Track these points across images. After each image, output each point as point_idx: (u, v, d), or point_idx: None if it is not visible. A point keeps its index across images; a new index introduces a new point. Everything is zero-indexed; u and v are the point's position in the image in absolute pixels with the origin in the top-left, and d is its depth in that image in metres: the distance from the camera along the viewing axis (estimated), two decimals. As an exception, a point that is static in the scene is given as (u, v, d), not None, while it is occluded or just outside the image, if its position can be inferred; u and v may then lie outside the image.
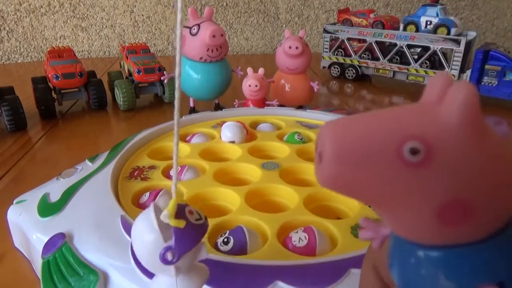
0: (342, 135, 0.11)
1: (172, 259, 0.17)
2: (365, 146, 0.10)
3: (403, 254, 0.12)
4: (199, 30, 0.54)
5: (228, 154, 0.41)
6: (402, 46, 0.80)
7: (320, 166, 0.11)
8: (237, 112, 0.50)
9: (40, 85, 0.65)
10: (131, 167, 0.37)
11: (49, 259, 0.25)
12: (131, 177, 0.35)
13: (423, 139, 0.10)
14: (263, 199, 0.33)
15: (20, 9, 1.10)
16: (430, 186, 0.10)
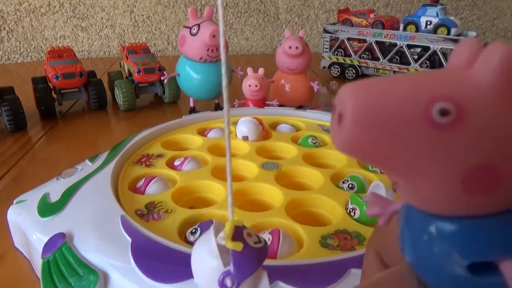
0: (365, 95, 0.10)
1: (231, 285, 0.16)
2: (390, 106, 0.10)
3: (417, 227, 0.12)
4: (199, 30, 0.54)
5: (236, 150, 0.41)
6: (402, 46, 0.80)
7: (339, 128, 0.10)
8: (237, 112, 0.50)
9: (40, 85, 0.65)
10: (141, 154, 0.39)
11: (49, 259, 0.25)
12: (138, 162, 0.37)
13: (454, 99, 0.09)
14: (250, 197, 0.33)
15: (20, 9, 1.10)
16: (459, 150, 0.09)
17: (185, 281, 0.22)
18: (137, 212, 0.30)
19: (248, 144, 0.41)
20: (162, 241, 0.25)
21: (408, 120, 0.10)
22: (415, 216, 0.12)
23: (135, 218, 0.29)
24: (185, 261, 0.23)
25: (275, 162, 0.37)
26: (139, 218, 0.29)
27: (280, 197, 0.32)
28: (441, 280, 0.11)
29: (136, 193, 0.33)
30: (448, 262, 0.11)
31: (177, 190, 0.33)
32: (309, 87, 0.60)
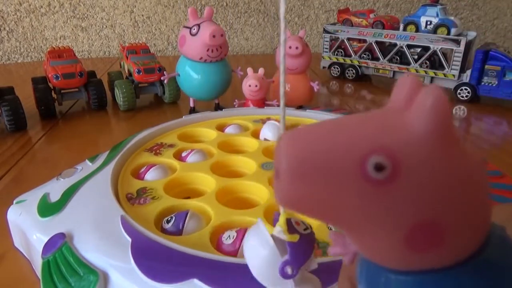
0: (299, 149, 0.09)
1: (291, 273, 0.17)
2: (325, 161, 0.09)
3: (371, 274, 0.12)
4: (199, 30, 0.54)
5: (244, 147, 0.42)
6: (402, 46, 0.80)
7: (277, 184, 0.10)
8: (237, 112, 0.50)
9: (40, 85, 0.65)
10: (155, 142, 0.41)
11: (49, 259, 0.25)
12: (150, 150, 0.39)
13: (389, 152, 0.09)
14: (238, 195, 0.33)
15: (20, 9, 1.10)
16: (397, 207, 0.09)
17: (185, 281, 0.22)
18: (127, 196, 0.31)
19: (258, 142, 0.42)
20: (162, 241, 0.25)
21: (344, 175, 0.09)
22: (368, 264, 0.12)
23: (123, 201, 0.30)
24: (185, 261, 0.23)
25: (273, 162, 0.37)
26: (126, 200, 0.31)
27: (267, 197, 0.31)
28: None
29: (136, 178, 0.34)
30: None
31: (171, 179, 0.34)
32: (309, 87, 0.60)
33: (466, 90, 0.74)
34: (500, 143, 0.59)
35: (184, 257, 0.23)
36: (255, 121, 0.47)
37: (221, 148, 0.40)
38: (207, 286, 0.21)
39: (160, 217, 0.29)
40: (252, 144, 0.42)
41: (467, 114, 0.70)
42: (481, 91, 0.72)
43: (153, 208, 0.30)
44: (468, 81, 0.74)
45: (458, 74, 0.75)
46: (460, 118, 0.68)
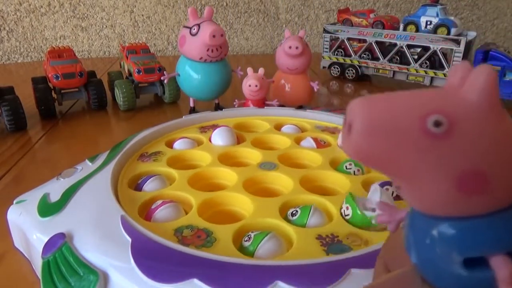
0: (372, 109, 0.12)
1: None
2: (393, 119, 0.11)
3: (419, 229, 0.13)
4: (199, 30, 0.54)
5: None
6: (402, 46, 0.80)
7: (349, 137, 0.12)
8: (237, 112, 0.50)
9: (40, 85, 0.65)
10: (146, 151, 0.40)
11: (49, 259, 0.25)
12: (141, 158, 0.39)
13: (446, 113, 0.11)
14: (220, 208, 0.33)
15: (20, 9, 1.10)
16: (451, 156, 0.11)
17: (185, 281, 0.22)
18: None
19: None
20: (162, 241, 0.25)
21: (408, 130, 0.11)
22: (418, 219, 0.13)
23: (123, 201, 0.31)
24: (185, 261, 0.23)
25: (272, 162, 0.37)
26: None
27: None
28: (442, 277, 0.13)
29: (135, 189, 0.34)
30: (447, 260, 0.12)
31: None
32: (309, 87, 0.60)
33: (466, 90, 0.74)
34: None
35: (184, 257, 0.23)
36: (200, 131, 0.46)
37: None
38: (207, 286, 0.21)
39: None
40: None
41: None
42: (481, 91, 0.72)
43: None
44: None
45: (458, 74, 0.75)
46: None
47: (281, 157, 0.39)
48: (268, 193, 0.34)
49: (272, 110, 0.51)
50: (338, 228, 0.27)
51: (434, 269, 0.13)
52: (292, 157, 0.40)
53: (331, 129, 0.46)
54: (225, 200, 0.32)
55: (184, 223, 0.28)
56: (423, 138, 0.11)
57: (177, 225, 0.28)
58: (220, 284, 0.21)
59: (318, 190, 0.33)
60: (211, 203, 0.32)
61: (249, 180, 0.34)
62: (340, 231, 0.27)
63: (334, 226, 0.28)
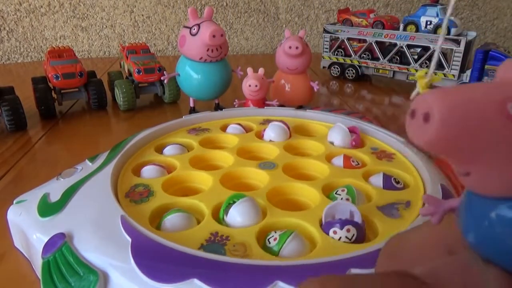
0: (451, 98, 0.12)
1: None
2: (473, 106, 0.12)
3: (481, 212, 0.14)
4: (199, 30, 0.54)
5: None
6: (402, 46, 0.80)
7: (426, 126, 0.12)
8: (237, 112, 0.50)
9: (40, 85, 0.65)
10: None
11: (49, 259, 0.25)
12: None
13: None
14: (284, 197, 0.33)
15: (20, 9, 1.10)
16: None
17: (185, 281, 0.22)
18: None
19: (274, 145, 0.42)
20: (162, 241, 0.25)
21: (488, 116, 0.12)
22: (479, 203, 0.14)
23: (123, 201, 0.31)
24: (185, 261, 0.23)
25: (271, 161, 0.37)
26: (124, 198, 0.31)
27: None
28: (505, 252, 0.14)
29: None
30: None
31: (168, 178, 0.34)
32: (309, 87, 0.60)
33: (466, 90, 0.74)
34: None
35: (184, 257, 0.23)
36: (262, 123, 0.46)
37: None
38: (207, 286, 0.21)
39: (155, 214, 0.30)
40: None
41: None
42: (481, 91, 0.72)
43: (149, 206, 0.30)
44: (468, 81, 0.74)
45: (458, 74, 0.75)
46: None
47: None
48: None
49: (272, 110, 0.51)
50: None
51: (500, 246, 0.14)
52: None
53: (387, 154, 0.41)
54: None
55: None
56: (506, 122, 0.12)
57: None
58: (220, 284, 0.21)
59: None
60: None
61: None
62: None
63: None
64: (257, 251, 0.25)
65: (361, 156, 0.39)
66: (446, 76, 0.76)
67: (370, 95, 0.81)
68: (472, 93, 0.12)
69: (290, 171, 0.36)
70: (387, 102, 0.77)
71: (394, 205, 0.30)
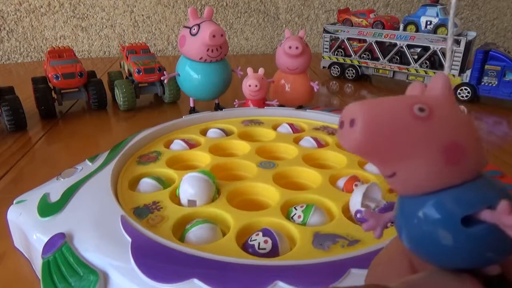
0: (370, 106, 0.15)
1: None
2: (389, 112, 0.15)
3: (411, 212, 0.15)
4: (199, 30, 0.54)
5: (235, 150, 0.41)
6: (402, 46, 0.80)
7: (350, 131, 0.14)
8: (237, 112, 0.50)
9: (40, 85, 0.65)
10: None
11: (49, 259, 0.25)
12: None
13: (424, 102, 0.15)
14: (247, 197, 0.33)
15: (20, 9, 1.10)
16: (435, 132, 0.14)
17: (185, 281, 0.22)
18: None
19: (248, 144, 0.41)
20: (162, 241, 0.25)
21: (400, 118, 0.14)
22: (408, 203, 0.16)
23: (123, 201, 0.31)
24: (185, 261, 0.23)
25: (272, 161, 0.37)
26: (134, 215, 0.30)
27: (276, 197, 0.32)
28: (439, 248, 0.15)
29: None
30: (447, 224, 0.14)
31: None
32: (309, 87, 0.60)
33: (466, 90, 0.74)
34: (500, 143, 0.59)
35: (184, 257, 0.23)
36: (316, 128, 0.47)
37: (214, 153, 0.40)
38: (207, 286, 0.21)
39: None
40: (242, 147, 0.42)
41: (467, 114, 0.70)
42: (481, 91, 0.72)
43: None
44: (468, 81, 0.74)
45: (458, 74, 0.75)
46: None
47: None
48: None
49: (272, 110, 0.51)
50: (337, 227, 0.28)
51: (432, 244, 0.15)
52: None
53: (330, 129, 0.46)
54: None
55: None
56: (414, 121, 0.14)
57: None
58: (220, 284, 0.21)
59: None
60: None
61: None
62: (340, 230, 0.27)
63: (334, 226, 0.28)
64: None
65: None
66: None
67: (370, 95, 0.81)
68: (387, 101, 0.15)
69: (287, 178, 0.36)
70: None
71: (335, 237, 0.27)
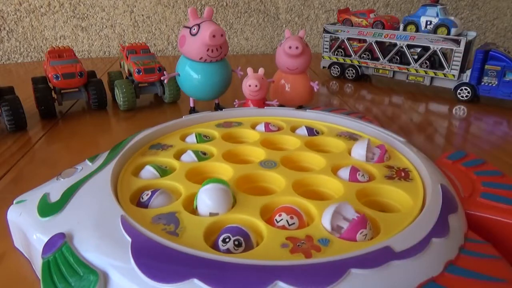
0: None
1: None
2: None
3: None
4: (199, 30, 0.54)
5: (245, 138, 0.43)
6: (402, 46, 0.80)
7: None
8: (237, 112, 0.50)
9: (40, 85, 0.65)
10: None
11: (49, 259, 0.25)
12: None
13: None
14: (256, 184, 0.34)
15: (20, 9, 1.10)
16: None
17: (185, 281, 0.22)
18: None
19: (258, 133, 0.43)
20: (162, 241, 0.25)
21: None
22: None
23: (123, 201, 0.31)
24: (185, 261, 0.23)
25: (273, 160, 0.37)
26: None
27: (282, 182, 0.33)
28: None
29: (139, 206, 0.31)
30: None
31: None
32: (309, 87, 0.60)
33: (466, 90, 0.74)
34: (500, 143, 0.59)
35: (184, 257, 0.23)
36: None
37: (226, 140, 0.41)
38: (207, 286, 0.21)
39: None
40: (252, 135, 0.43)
41: (467, 114, 0.70)
42: (481, 91, 0.73)
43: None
44: (468, 81, 0.74)
45: (458, 74, 0.75)
46: (460, 118, 0.68)
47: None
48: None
49: (272, 110, 0.51)
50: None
51: None
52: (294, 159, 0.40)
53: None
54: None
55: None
56: None
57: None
58: (220, 284, 0.21)
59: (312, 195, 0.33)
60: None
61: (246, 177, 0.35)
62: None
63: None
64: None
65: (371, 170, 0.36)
66: (446, 76, 0.76)
67: (370, 95, 0.81)
68: None
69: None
70: (387, 102, 0.77)
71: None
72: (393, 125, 0.64)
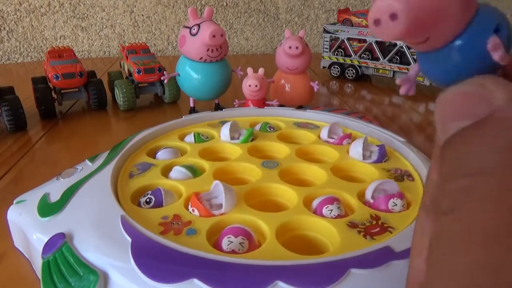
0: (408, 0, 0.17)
1: None
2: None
3: (436, 58, 0.21)
4: (199, 30, 0.54)
5: (228, 154, 0.41)
6: (402, 46, 0.80)
7: (393, 25, 0.18)
8: (237, 112, 0.50)
9: (40, 85, 0.65)
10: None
11: (49, 259, 0.25)
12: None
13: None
14: (264, 198, 0.33)
15: (20, 9, 1.10)
16: None
17: (185, 281, 0.22)
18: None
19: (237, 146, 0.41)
20: (162, 241, 0.25)
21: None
22: (432, 55, 0.22)
23: (123, 201, 0.31)
24: (185, 261, 0.23)
25: (273, 161, 0.37)
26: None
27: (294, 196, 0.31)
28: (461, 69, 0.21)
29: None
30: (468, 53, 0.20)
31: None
32: (309, 87, 0.60)
33: (466, 90, 0.74)
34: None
35: (184, 257, 0.23)
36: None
37: (208, 158, 0.39)
38: (207, 286, 0.21)
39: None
40: (233, 150, 0.41)
41: None
42: (481, 91, 0.72)
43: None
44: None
45: (458, 74, 0.75)
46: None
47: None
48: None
49: (272, 110, 0.51)
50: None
51: (453, 71, 0.21)
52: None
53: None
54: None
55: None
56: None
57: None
58: (220, 284, 0.21)
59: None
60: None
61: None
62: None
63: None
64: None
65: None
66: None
67: (370, 95, 0.81)
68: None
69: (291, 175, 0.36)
70: (387, 102, 0.77)
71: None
72: (393, 125, 0.64)
